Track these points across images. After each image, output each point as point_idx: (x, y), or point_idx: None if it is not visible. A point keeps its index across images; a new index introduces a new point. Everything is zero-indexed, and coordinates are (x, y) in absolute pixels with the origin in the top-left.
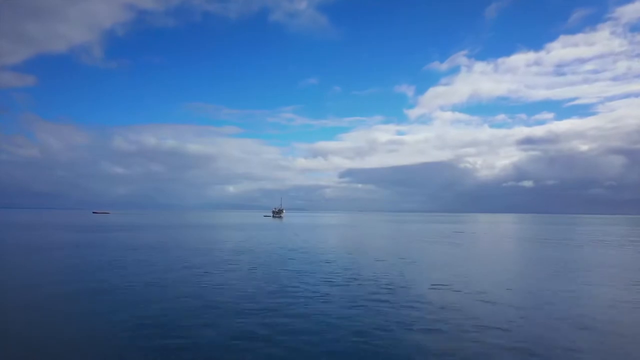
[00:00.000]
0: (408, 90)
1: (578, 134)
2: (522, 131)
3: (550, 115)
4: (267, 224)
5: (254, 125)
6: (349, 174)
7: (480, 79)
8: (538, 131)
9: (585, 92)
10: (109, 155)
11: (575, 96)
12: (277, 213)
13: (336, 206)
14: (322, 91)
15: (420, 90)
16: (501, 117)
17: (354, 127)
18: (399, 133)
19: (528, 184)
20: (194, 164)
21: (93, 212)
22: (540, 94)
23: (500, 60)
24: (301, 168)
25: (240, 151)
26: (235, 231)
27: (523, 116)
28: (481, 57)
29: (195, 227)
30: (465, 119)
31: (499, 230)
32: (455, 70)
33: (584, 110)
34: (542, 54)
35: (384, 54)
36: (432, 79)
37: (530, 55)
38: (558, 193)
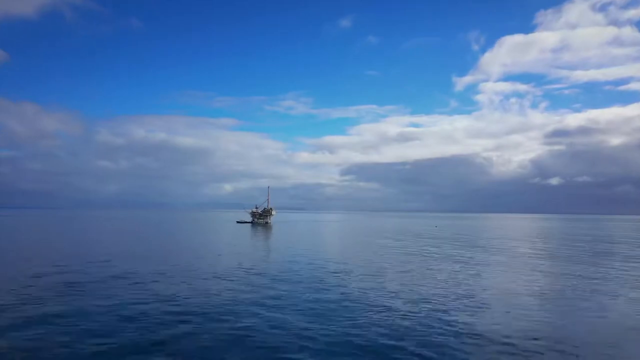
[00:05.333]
0: (475, 42)
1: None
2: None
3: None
4: (228, 250)
5: (250, 114)
6: (352, 171)
7: (589, 17)
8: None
9: None
10: (93, 148)
11: None
12: (261, 216)
13: (337, 206)
14: (351, 42)
15: (490, 43)
16: (572, 91)
17: (362, 118)
18: (413, 125)
19: (546, 181)
20: (188, 159)
21: None
22: None
23: None
24: (302, 164)
25: (237, 145)
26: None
27: (609, 87)
28: None
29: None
30: (522, 90)
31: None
32: None
33: None
34: None
35: None
36: (524, 17)
37: None
38: (584, 192)
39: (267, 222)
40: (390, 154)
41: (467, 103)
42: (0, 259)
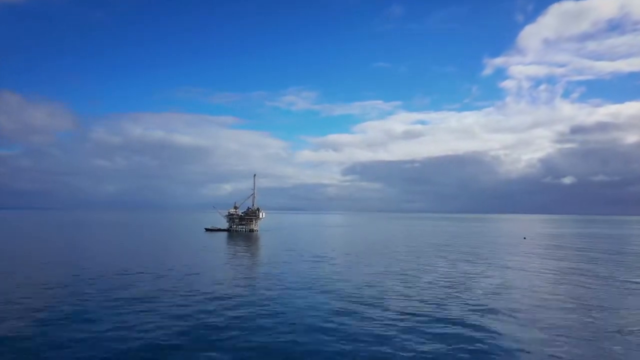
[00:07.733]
0: (521, 11)
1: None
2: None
3: None
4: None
5: (250, 111)
6: (355, 170)
7: None
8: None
9: None
10: (89, 147)
11: None
12: (242, 220)
13: (338, 206)
14: (373, 13)
15: (539, 11)
16: (606, 74)
17: (367, 114)
18: (421, 122)
19: (558, 180)
20: (187, 158)
21: None
22: None
23: None
24: (304, 163)
25: (237, 144)
26: None
27: (634, 79)
28: None
29: None
30: (558, 75)
31: None
32: None
33: None
34: None
35: None
36: None
37: None
38: (599, 192)
39: (251, 230)
40: (399, 151)
41: (490, 92)
42: None
